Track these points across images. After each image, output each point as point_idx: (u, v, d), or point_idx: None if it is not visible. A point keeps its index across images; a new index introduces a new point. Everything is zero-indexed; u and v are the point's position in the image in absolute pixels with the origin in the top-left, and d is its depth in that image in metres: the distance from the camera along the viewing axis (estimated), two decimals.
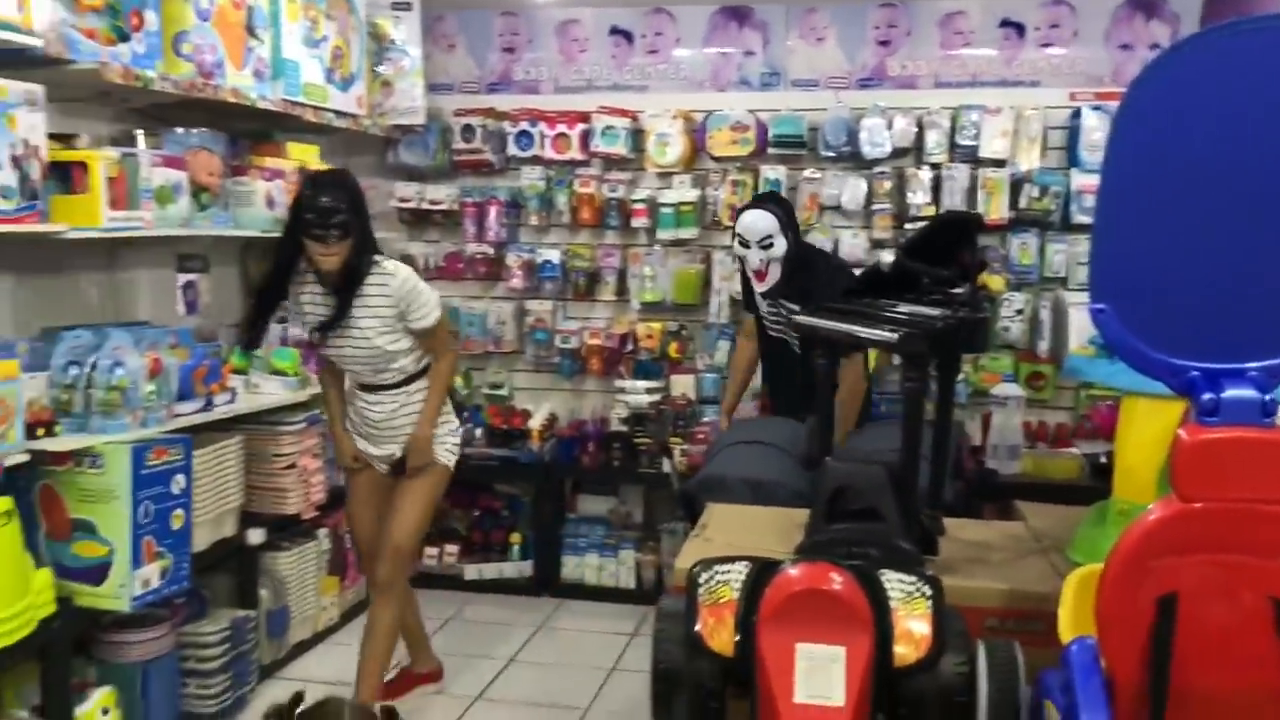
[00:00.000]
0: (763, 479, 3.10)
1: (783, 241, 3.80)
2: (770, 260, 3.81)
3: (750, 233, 3.82)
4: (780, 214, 3.84)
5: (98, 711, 3.16)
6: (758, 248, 3.80)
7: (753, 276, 3.89)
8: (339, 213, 3.17)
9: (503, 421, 5.06)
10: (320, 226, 3.15)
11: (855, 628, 2.00)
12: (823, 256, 4.06)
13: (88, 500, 3.04)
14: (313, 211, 3.16)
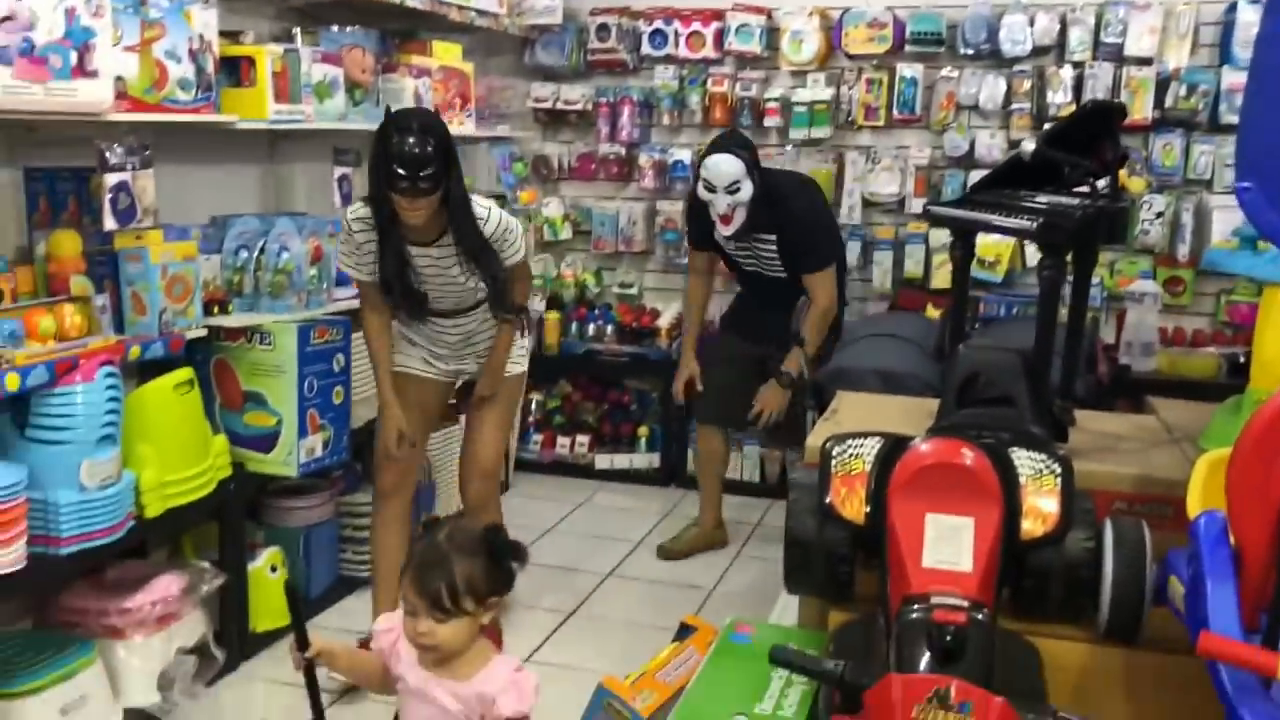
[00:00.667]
0: (894, 370, 3.17)
1: (749, 185, 3.77)
2: (737, 205, 3.78)
3: (717, 178, 3.77)
4: (746, 156, 3.79)
5: (266, 569, 3.46)
6: (724, 193, 3.77)
7: (718, 220, 3.86)
8: (429, 162, 2.85)
9: (633, 320, 5.20)
10: (408, 179, 2.84)
11: (984, 500, 2.08)
12: (789, 182, 4.03)
13: (258, 374, 3.29)
14: (399, 161, 2.83)
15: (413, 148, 2.84)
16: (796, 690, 2.25)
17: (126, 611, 2.93)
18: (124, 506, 2.78)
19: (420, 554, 1.94)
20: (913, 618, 1.87)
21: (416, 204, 2.89)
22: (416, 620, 1.90)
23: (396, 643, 2.01)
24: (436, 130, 2.93)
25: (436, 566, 1.91)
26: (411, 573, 1.91)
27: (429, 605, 1.89)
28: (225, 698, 3.13)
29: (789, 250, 3.90)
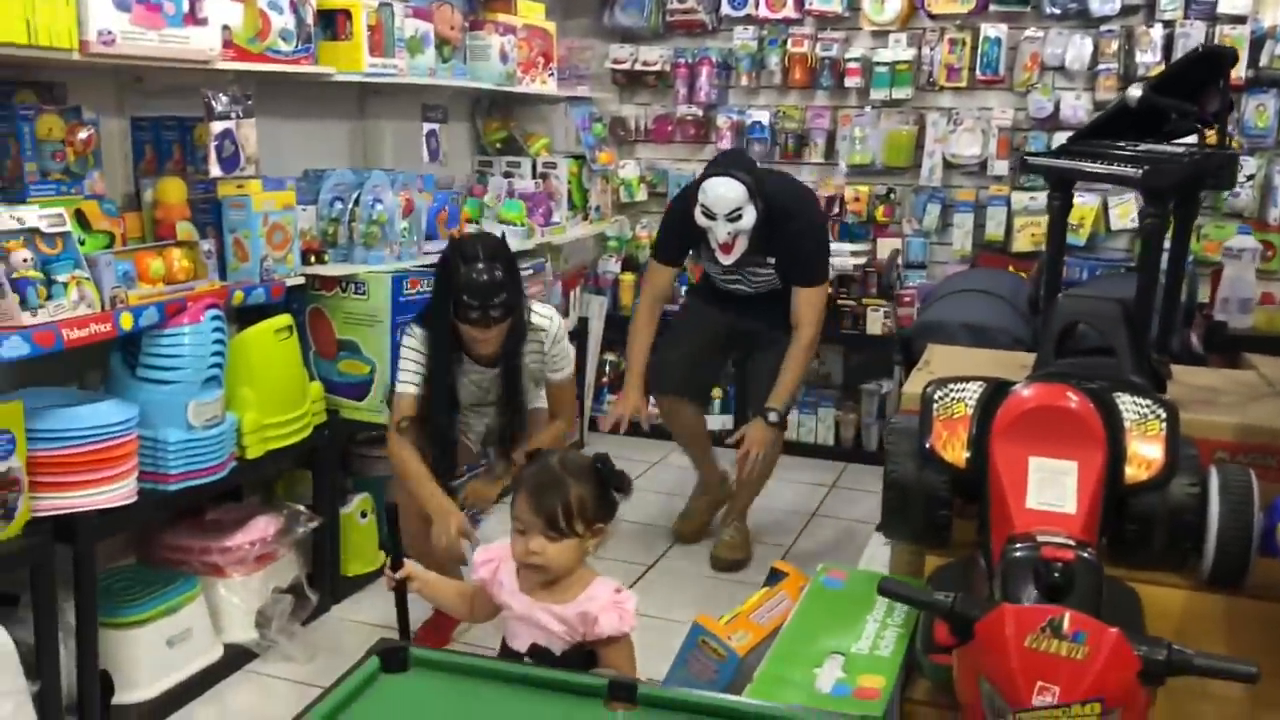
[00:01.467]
0: (985, 324, 3.16)
1: (751, 212, 3.44)
2: (738, 233, 3.46)
3: (718, 204, 3.44)
4: (749, 180, 3.44)
5: (357, 514, 3.54)
6: (725, 220, 3.44)
7: (717, 249, 3.53)
8: (500, 289, 2.77)
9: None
10: (480, 309, 2.77)
11: (1088, 444, 2.07)
12: (790, 197, 3.64)
13: (352, 323, 3.35)
14: (471, 292, 2.76)
15: (482, 274, 2.77)
16: (892, 632, 2.26)
17: (227, 550, 3.03)
18: (227, 447, 2.87)
19: (535, 475, 2.00)
20: (1018, 555, 1.87)
21: (488, 333, 2.85)
22: (528, 539, 1.96)
23: (498, 571, 2.08)
24: (504, 254, 2.87)
25: (552, 487, 1.97)
26: (526, 492, 1.97)
27: (544, 524, 1.95)
28: (318, 637, 3.21)
29: (786, 268, 3.64)
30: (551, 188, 4.64)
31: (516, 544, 1.99)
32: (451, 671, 1.72)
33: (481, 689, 1.67)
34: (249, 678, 3.03)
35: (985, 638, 1.68)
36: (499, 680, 1.70)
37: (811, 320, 3.59)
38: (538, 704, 1.64)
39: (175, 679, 2.85)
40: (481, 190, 4.42)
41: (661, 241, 3.88)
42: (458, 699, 1.65)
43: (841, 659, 2.17)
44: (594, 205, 4.95)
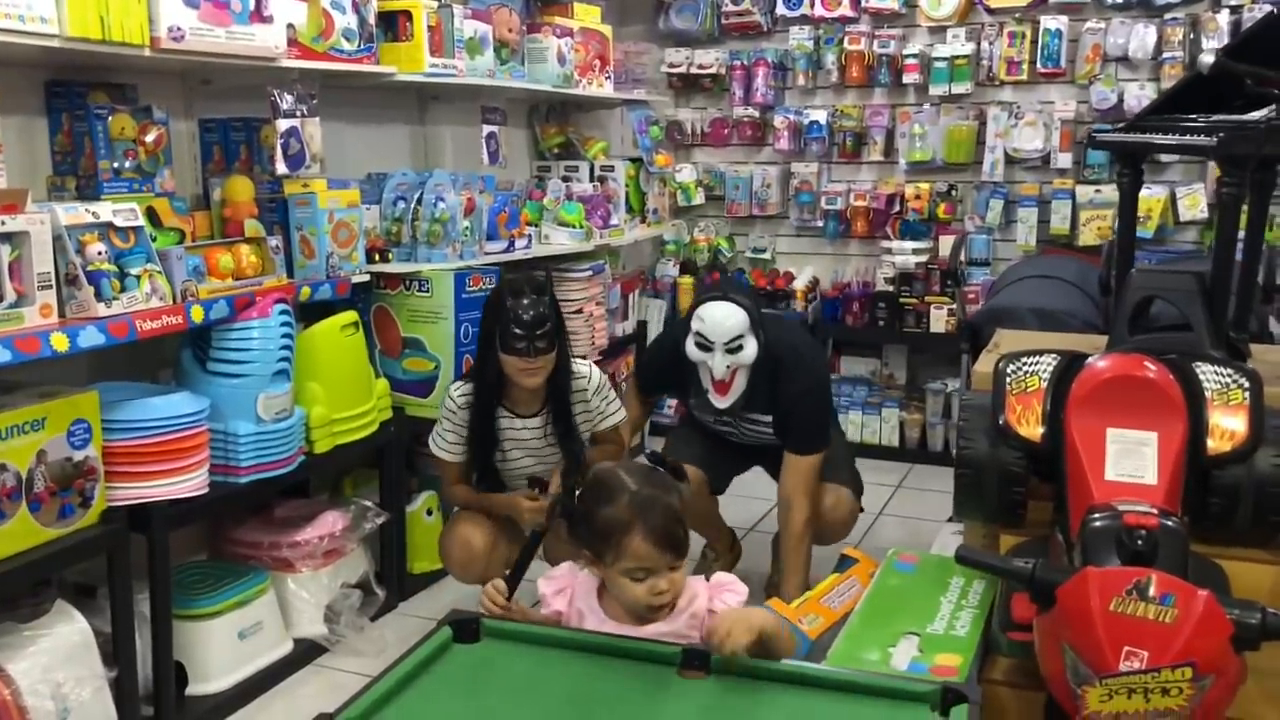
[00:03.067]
0: (1054, 309, 3.10)
1: (753, 344, 2.98)
2: (738, 368, 2.99)
3: (716, 332, 2.96)
4: (750, 307, 3.00)
5: (423, 512, 3.55)
6: (723, 352, 2.96)
7: (711, 389, 3.05)
8: (545, 320, 2.80)
9: (767, 283, 5.19)
10: (526, 339, 2.77)
11: (1168, 415, 2.03)
12: (795, 347, 3.13)
13: (417, 320, 3.38)
14: (519, 324, 2.77)
15: (529, 308, 2.80)
16: (968, 613, 2.22)
17: (296, 545, 3.05)
18: (296, 441, 2.89)
19: (650, 515, 1.82)
20: (1098, 524, 1.83)
21: (534, 364, 2.82)
22: (655, 579, 1.81)
23: (574, 599, 1.94)
24: (548, 290, 2.90)
25: (668, 515, 1.83)
26: (645, 531, 1.81)
27: (673, 557, 1.82)
28: (387, 634, 3.22)
29: (783, 429, 3.14)
30: (609, 191, 4.64)
31: (636, 590, 1.83)
32: (522, 641, 1.72)
33: (552, 657, 1.67)
34: (318, 672, 3.04)
35: (1068, 603, 1.64)
36: (570, 649, 1.69)
37: (804, 495, 3.05)
38: (610, 672, 1.63)
39: (246, 672, 2.88)
40: (540, 194, 4.43)
41: (644, 367, 3.47)
42: (529, 667, 1.65)
43: (917, 639, 2.13)
44: (651, 208, 4.94)
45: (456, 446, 3.00)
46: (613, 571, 1.87)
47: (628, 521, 1.84)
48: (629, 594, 1.86)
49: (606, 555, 1.86)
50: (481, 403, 2.95)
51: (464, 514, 3.05)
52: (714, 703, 1.56)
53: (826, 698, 1.55)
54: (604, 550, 1.86)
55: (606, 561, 1.86)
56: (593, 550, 1.88)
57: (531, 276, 2.97)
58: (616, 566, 1.85)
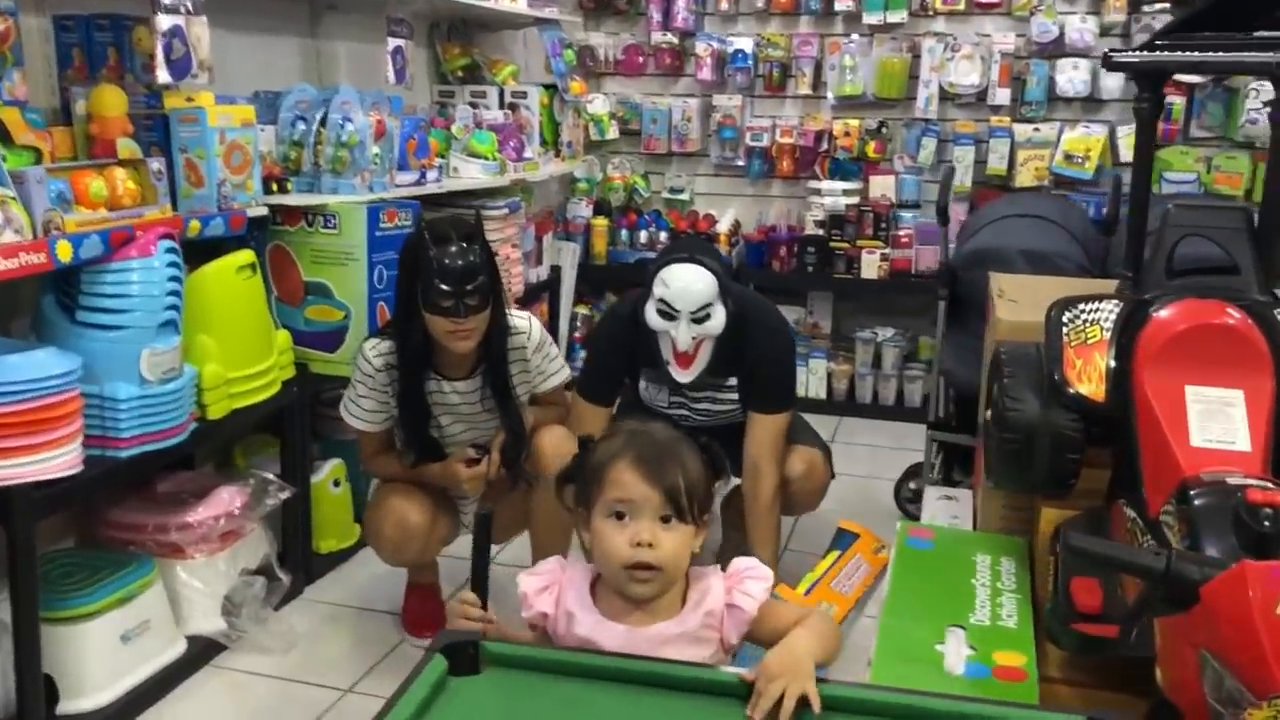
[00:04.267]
0: (1045, 251, 2.84)
1: (721, 313, 2.63)
2: (704, 338, 2.64)
3: (683, 299, 2.60)
4: (720, 270, 2.66)
5: (329, 483, 3.11)
6: (689, 321, 2.61)
7: (673, 362, 2.69)
8: (477, 272, 2.39)
9: (688, 225, 4.83)
10: (454, 295, 2.37)
11: (1254, 369, 1.77)
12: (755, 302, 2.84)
13: (321, 262, 2.90)
14: (445, 278, 2.36)
15: (456, 257, 2.38)
16: (1010, 599, 1.94)
17: (186, 527, 2.58)
18: (186, 405, 2.42)
19: (639, 441, 1.53)
20: (1209, 501, 1.55)
21: (465, 325, 2.41)
22: (636, 524, 1.49)
23: (561, 599, 1.57)
24: (479, 236, 2.47)
25: (669, 455, 1.52)
26: (635, 460, 1.50)
27: (661, 500, 1.49)
28: (293, 624, 2.78)
29: (750, 388, 2.78)
30: (522, 120, 4.20)
31: (616, 540, 1.50)
32: (536, 669, 1.34)
33: (582, 692, 1.29)
34: (217, 674, 2.59)
35: (1218, 605, 1.34)
36: (600, 679, 1.32)
37: (773, 459, 2.72)
38: (661, 712, 1.26)
39: (131, 681, 2.41)
40: (444, 121, 3.96)
41: (593, 372, 2.87)
42: (557, 709, 1.27)
43: (962, 632, 1.83)
44: (566, 141, 4.52)
45: (377, 415, 2.56)
46: (596, 518, 1.53)
47: (619, 448, 1.53)
48: (608, 546, 1.51)
49: (594, 496, 1.53)
50: (407, 370, 2.52)
51: (393, 486, 2.63)
52: None
53: None
54: (591, 489, 1.53)
55: (593, 503, 1.53)
56: (584, 498, 1.55)
57: (458, 219, 2.53)
58: (598, 506, 1.52)
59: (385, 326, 2.64)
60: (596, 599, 1.58)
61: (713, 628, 1.55)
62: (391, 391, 2.54)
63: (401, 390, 2.53)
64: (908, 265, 4.56)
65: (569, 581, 1.59)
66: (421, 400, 2.54)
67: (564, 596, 1.58)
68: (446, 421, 2.60)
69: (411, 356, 2.49)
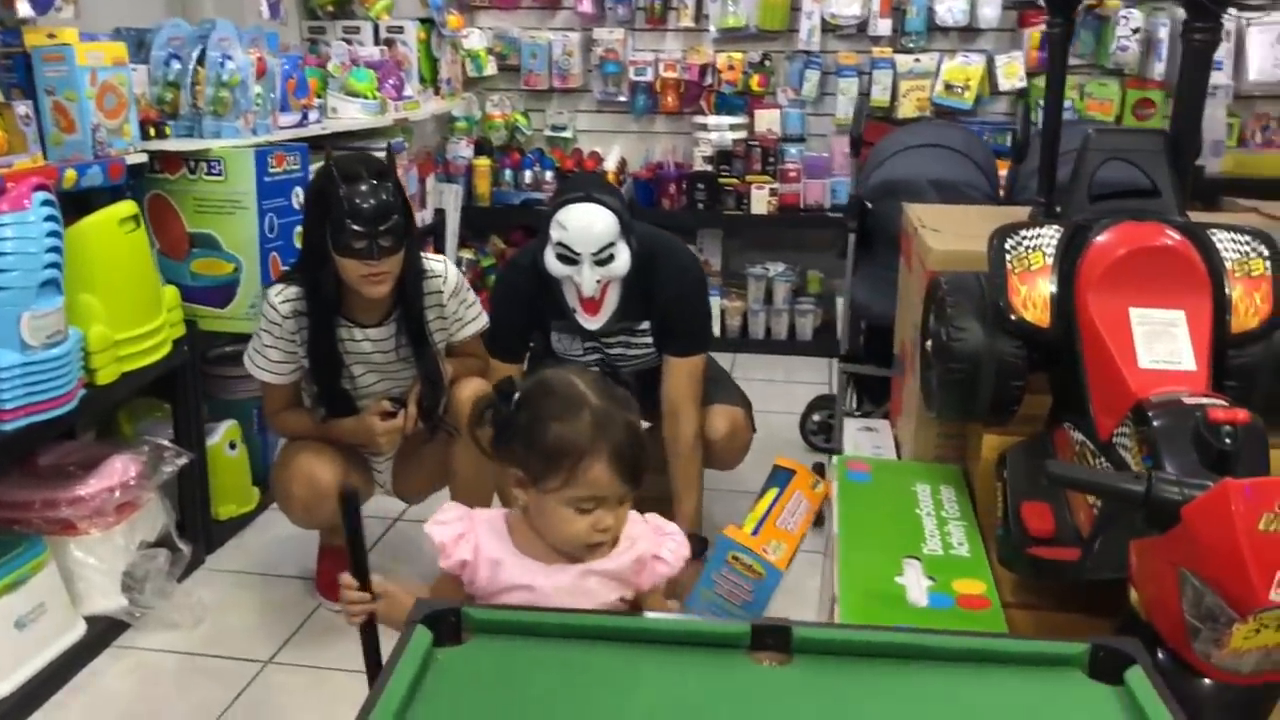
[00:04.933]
0: (953, 180, 2.84)
1: (625, 252, 2.52)
2: (610, 280, 2.53)
3: (582, 240, 2.49)
4: (619, 208, 2.55)
5: (225, 446, 2.94)
6: (592, 264, 2.50)
7: (579, 309, 2.58)
8: (391, 211, 2.27)
9: (574, 164, 4.72)
10: (367, 237, 2.24)
11: (1193, 289, 1.78)
12: (661, 238, 2.72)
13: (206, 211, 2.72)
14: (357, 218, 2.24)
15: (368, 196, 2.26)
16: (957, 526, 1.94)
17: (78, 501, 2.41)
18: (73, 371, 2.24)
19: (612, 433, 1.43)
20: (1169, 421, 1.56)
21: (379, 268, 2.29)
22: (603, 513, 1.43)
23: (480, 547, 1.49)
24: (391, 174, 2.36)
25: (639, 445, 1.45)
26: (611, 456, 1.42)
27: (629, 489, 1.45)
28: (203, 596, 2.63)
29: (664, 330, 2.70)
30: (399, 56, 4.02)
31: (577, 524, 1.44)
32: (519, 634, 1.26)
33: (579, 655, 1.22)
34: (122, 655, 2.44)
35: (1200, 525, 1.35)
36: (583, 638, 1.25)
37: (692, 402, 2.65)
38: (664, 668, 1.21)
39: (29, 670, 2.25)
40: (318, 59, 3.75)
41: (499, 329, 2.70)
42: (557, 674, 1.20)
43: (918, 564, 1.83)
44: (445, 78, 4.35)
45: (284, 366, 2.43)
46: (551, 500, 1.44)
47: (588, 442, 1.42)
48: (566, 529, 1.45)
49: (550, 479, 1.43)
50: (317, 317, 2.38)
51: (302, 444, 2.49)
52: (821, 696, 1.18)
53: (950, 674, 1.20)
54: (548, 473, 1.43)
55: (549, 487, 1.44)
56: (530, 471, 1.45)
57: (367, 157, 2.42)
58: (561, 494, 1.43)
59: (292, 271, 2.49)
60: (515, 540, 1.51)
61: (639, 573, 1.53)
62: (300, 340, 2.40)
63: (311, 339, 2.39)
64: (796, 200, 4.57)
65: (483, 526, 1.52)
66: (333, 349, 2.41)
67: (482, 544, 1.50)
68: (359, 372, 2.48)
69: (321, 303, 2.36)
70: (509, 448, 1.48)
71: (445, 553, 1.49)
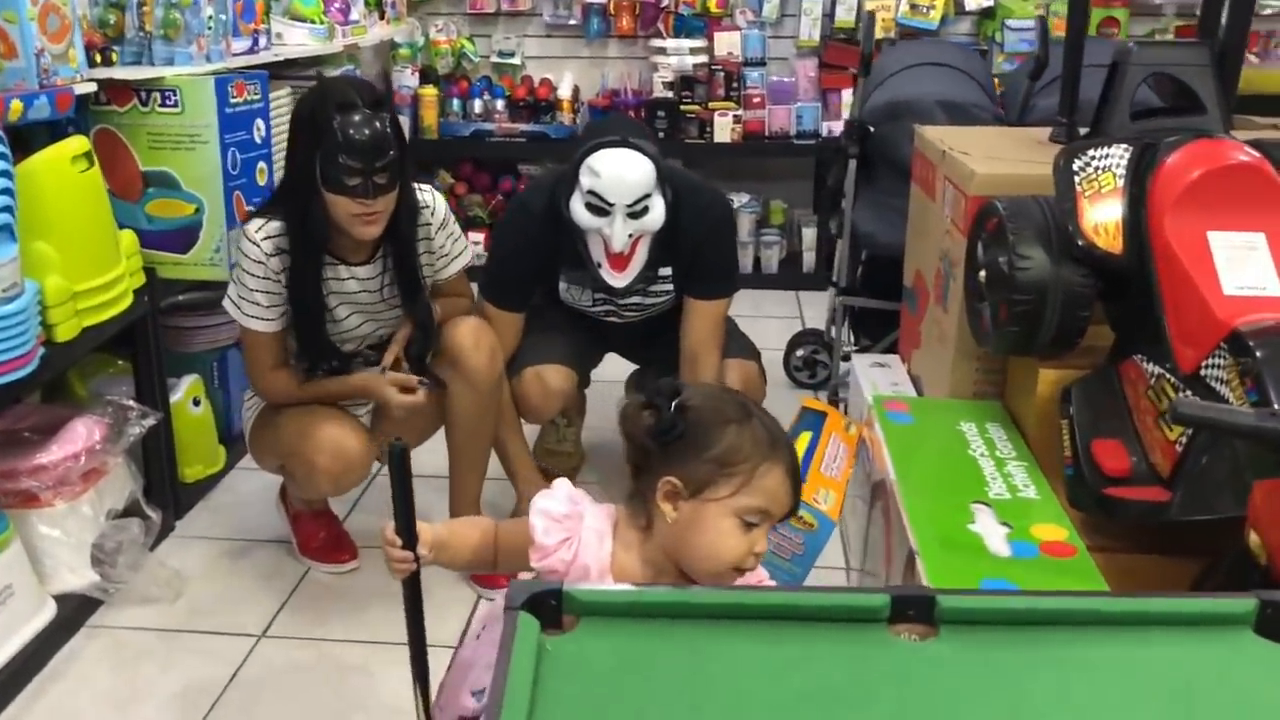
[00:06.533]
0: (961, 101, 2.71)
1: (660, 204, 2.34)
2: (642, 234, 2.35)
3: (616, 191, 2.29)
4: (655, 155, 2.35)
5: (188, 403, 2.72)
6: (625, 216, 2.31)
7: (606, 264, 2.39)
8: (387, 146, 2.08)
9: (527, 93, 4.49)
10: (362, 174, 2.05)
11: (1274, 209, 1.69)
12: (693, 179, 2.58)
13: (162, 147, 2.47)
14: (351, 152, 2.03)
15: (363, 127, 2.04)
16: (1018, 468, 1.84)
17: (40, 470, 2.19)
18: (32, 328, 2.00)
19: (789, 451, 1.33)
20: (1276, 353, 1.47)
21: (373, 207, 2.09)
22: (758, 534, 1.30)
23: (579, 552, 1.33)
24: (385, 103, 2.15)
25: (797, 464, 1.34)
26: (789, 474, 1.30)
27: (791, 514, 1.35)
28: (180, 567, 2.43)
29: (689, 274, 2.51)
30: None
31: (739, 541, 1.28)
32: (631, 615, 1.12)
33: (696, 635, 1.09)
34: (97, 635, 2.23)
35: None
36: (705, 617, 1.12)
37: (715, 347, 2.50)
38: (803, 649, 1.08)
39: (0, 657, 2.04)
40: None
41: (502, 276, 2.53)
42: (681, 658, 1.06)
43: (989, 509, 1.72)
44: (389, 2, 4.08)
45: (274, 310, 2.21)
46: (714, 510, 1.28)
47: (767, 448, 1.29)
48: (723, 546, 1.29)
49: (720, 486, 1.28)
50: (302, 255, 2.17)
51: (315, 410, 2.27)
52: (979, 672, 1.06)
53: (1111, 640, 1.09)
54: (719, 479, 1.28)
55: (716, 495, 1.28)
56: (695, 478, 1.28)
57: (362, 83, 2.23)
58: (729, 502, 1.28)
59: (270, 204, 2.26)
60: (616, 555, 1.34)
61: None
62: (285, 282, 2.19)
63: (293, 280, 2.18)
64: (761, 127, 4.41)
65: (590, 532, 1.35)
66: (318, 291, 2.21)
67: (581, 551, 1.33)
68: (343, 314, 2.28)
69: (307, 240, 2.15)
70: (669, 452, 1.31)
71: (543, 553, 1.33)
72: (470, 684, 1.38)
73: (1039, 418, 1.90)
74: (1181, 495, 1.56)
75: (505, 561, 1.43)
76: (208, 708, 2.01)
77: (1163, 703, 1.03)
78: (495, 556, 1.43)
